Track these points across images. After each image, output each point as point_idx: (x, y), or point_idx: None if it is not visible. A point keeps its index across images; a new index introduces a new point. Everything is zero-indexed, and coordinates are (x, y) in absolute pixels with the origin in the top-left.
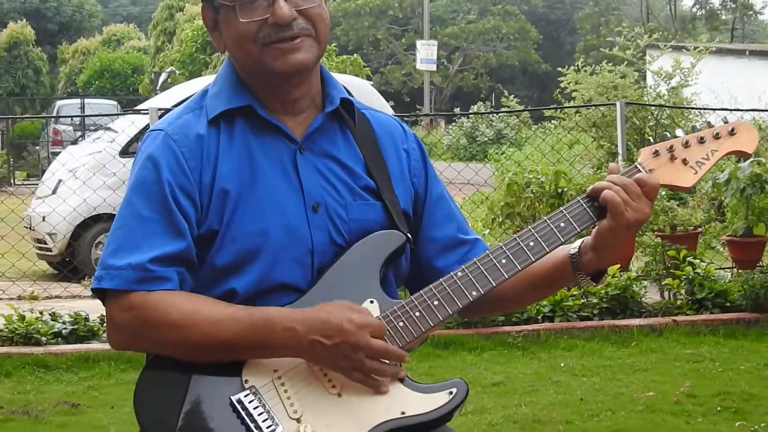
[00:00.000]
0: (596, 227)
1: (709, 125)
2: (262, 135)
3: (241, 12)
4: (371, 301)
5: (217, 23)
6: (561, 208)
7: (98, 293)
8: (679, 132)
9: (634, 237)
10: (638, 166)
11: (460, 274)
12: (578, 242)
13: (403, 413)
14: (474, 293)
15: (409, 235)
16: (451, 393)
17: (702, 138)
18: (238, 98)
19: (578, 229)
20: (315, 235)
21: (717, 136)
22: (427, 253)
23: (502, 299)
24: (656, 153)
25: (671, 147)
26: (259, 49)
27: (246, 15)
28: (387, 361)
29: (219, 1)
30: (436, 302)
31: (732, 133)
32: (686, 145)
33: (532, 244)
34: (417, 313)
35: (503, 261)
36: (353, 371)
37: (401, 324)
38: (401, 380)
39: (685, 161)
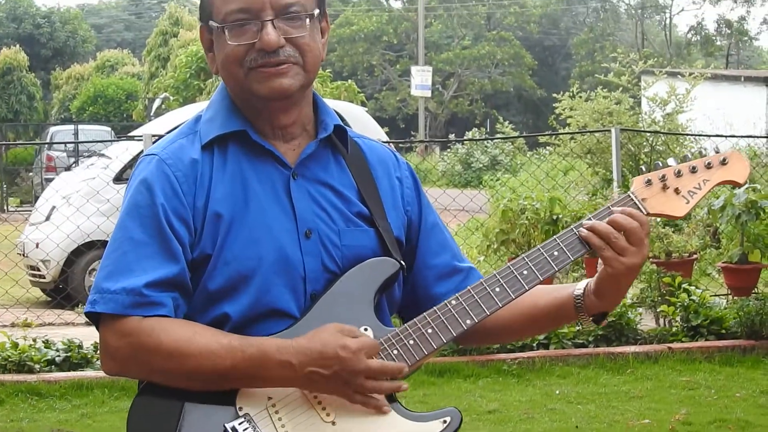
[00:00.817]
0: (598, 275)
1: (702, 154)
2: (256, 160)
3: (230, 35)
4: (365, 329)
5: (212, 44)
6: (554, 237)
7: (92, 317)
8: (671, 161)
9: (630, 281)
10: (631, 195)
11: (454, 302)
12: (583, 283)
13: None
14: (468, 321)
15: (402, 262)
16: (444, 422)
17: (694, 167)
18: (231, 123)
19: (571, 258)
20: (307, 261)
21: (709, 166)
22: (423, 280)
23: (504, 330)
24: (649, 182)
25: (663, 176)
26: (245, 72)
27: (235, 38)
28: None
29: (213, 23)
30: (430, 330)
31: (724, 162)
32: (678, 174)
33: (525, 272)
34: (411, 341)
35: (497, 289)
36: (355, 394)
37: (395, 352)
38: (399, 403)
39: (677, 190)
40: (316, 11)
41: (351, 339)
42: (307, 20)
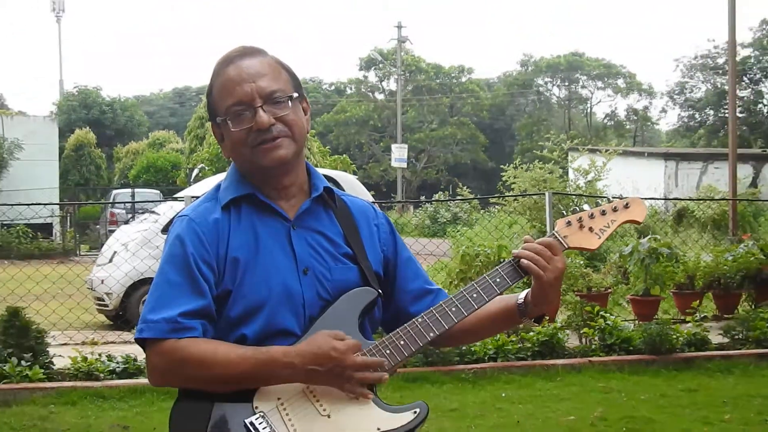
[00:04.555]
0: (531, 289)
1: (609, 201)
2: (263, 216)
3: (233, 124)
4: None
5: (222, 136)
6: (496, 267)
7: (140, 342)
8: (585, 207)
9: (560, 287)
10: (555, 233)
11: (420, 320)
12: (524, 292)
13: (378, 429)
14: (431, 334)
15: (380, 290)
16: (415, 412)
17: (604, 211)
18: (242, 188)
19: (510, 283)
20: (306, 292)
21: (615, 209)
22: (402, 302)
23: (467, 334)
24: (569, 223)
25: (580, 218)
26: (250, 151)
27: (237, 125)
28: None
29: (218, 119)
30: (402, 342)
31: (626, 206)
32: (591, 216)
33: (475, 295)
34: (388, 351)
35: (453, 309)
36: (345, 384)
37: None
38: (380, 399)
39: (591, 229)
40: (295, 94)
41: (340, 341)
42: (289, 102)
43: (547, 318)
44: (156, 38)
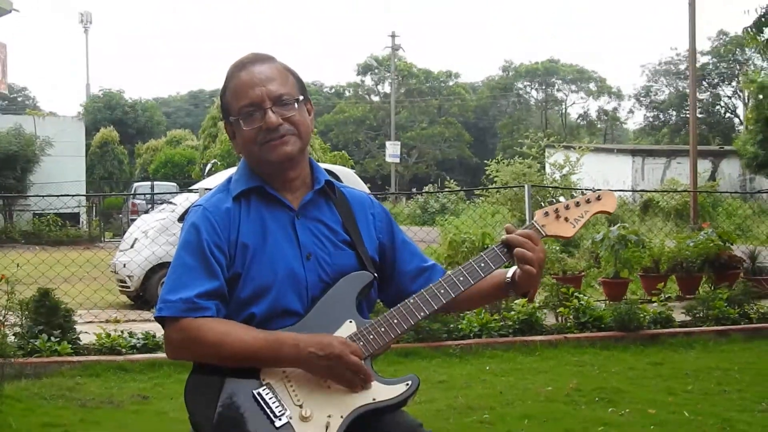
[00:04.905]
0: (517, 272)
1: (583, 194)
2: (270, 206)
3: (244, 123)
4: (350, 321)
5: (234, 134)
6: (481, 253)
7: (159, 320)
8: (561, 199)
9: (541, 272)
10: (534, 223)
11: (411, 300)
12: (511, 270)
13: (374, 399)
14: (422, 314)
15: (375, 274)
16: (407, 384)
17: (578, 202)
18: (251, 181)
19: (494, 267)
20: (308, 275)
21: (588, 201)
22: (402, 282)
23: (461, 303)
24: (546, 213)
25: (557, 209)
26: (259, 147)
27: (248, 124)
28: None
29: (231, 118)
30: (395, 321)
31: (598, 198)
32: (567, 207)
33: (461, 278)
34: (382, 329)
35: (442, 291)
36: (334, 377)
37: (371, 336)
38: (376, 373)
39: (566, 219)
40: (301, 97)
41: (343, 339)
42: (295, 104)
43: (527, 299)
44: (172, 44)
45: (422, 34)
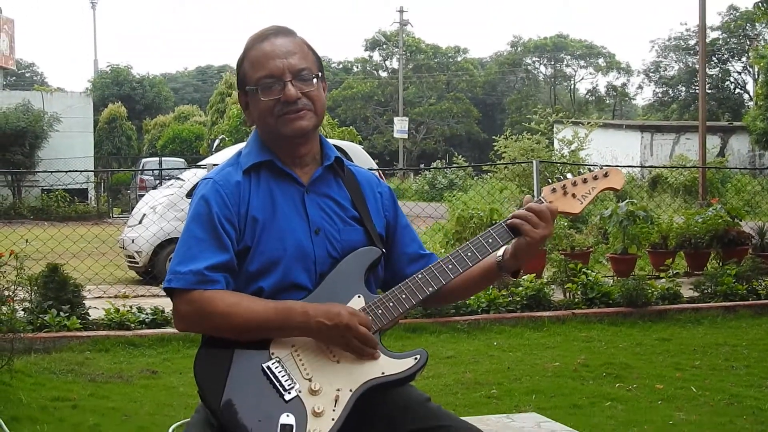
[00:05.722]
0: (516, 241)
1: (590, 171)
2: (280, 181)
3: (262, 93)
4: (358, 296)
5: (248, 104)
6: (489, 229)
7: (168, 291)
8: (569, 175)
9: (538, 248)
10: (542, 199)
11: (419, 276)
12: (502, 250)
13: (383, 373)
14: (430, 289)
15: (383, 249)
16: (416, 358)
17: (585, 179)
18: (262, 155)
19: (501, 243)
20: (317, 250)
21: (595, 178)
22: (400, 263)
23: (454, 292)
24: (554, 190)
25: (564, 186)
26: (275, 119)
27: (266, 95)
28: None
29: (248, 87)
30: (403, 296)
31: (606, 175)
32: (574, 184)
33: (469, 254)
34: (391, 304)
35: (450, 266)
36: (345, 346)
37: (380, 311)
38: (384, 347)
39: (573, 195)
40: (320, 74)
41: (351, 309)
42: (314, 79)
43: (535, 275)
44: (180, 19)
45: (430, 9)
